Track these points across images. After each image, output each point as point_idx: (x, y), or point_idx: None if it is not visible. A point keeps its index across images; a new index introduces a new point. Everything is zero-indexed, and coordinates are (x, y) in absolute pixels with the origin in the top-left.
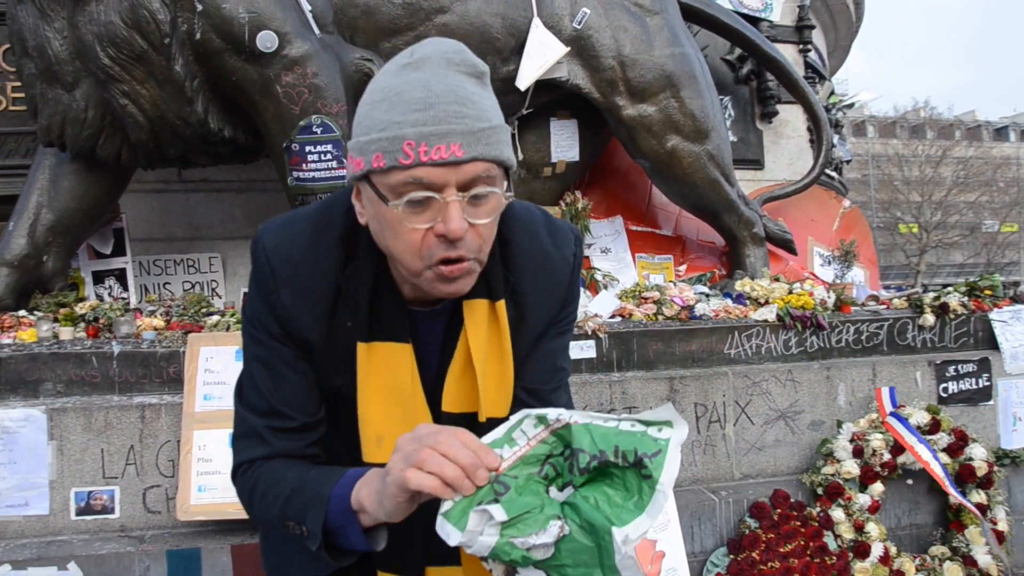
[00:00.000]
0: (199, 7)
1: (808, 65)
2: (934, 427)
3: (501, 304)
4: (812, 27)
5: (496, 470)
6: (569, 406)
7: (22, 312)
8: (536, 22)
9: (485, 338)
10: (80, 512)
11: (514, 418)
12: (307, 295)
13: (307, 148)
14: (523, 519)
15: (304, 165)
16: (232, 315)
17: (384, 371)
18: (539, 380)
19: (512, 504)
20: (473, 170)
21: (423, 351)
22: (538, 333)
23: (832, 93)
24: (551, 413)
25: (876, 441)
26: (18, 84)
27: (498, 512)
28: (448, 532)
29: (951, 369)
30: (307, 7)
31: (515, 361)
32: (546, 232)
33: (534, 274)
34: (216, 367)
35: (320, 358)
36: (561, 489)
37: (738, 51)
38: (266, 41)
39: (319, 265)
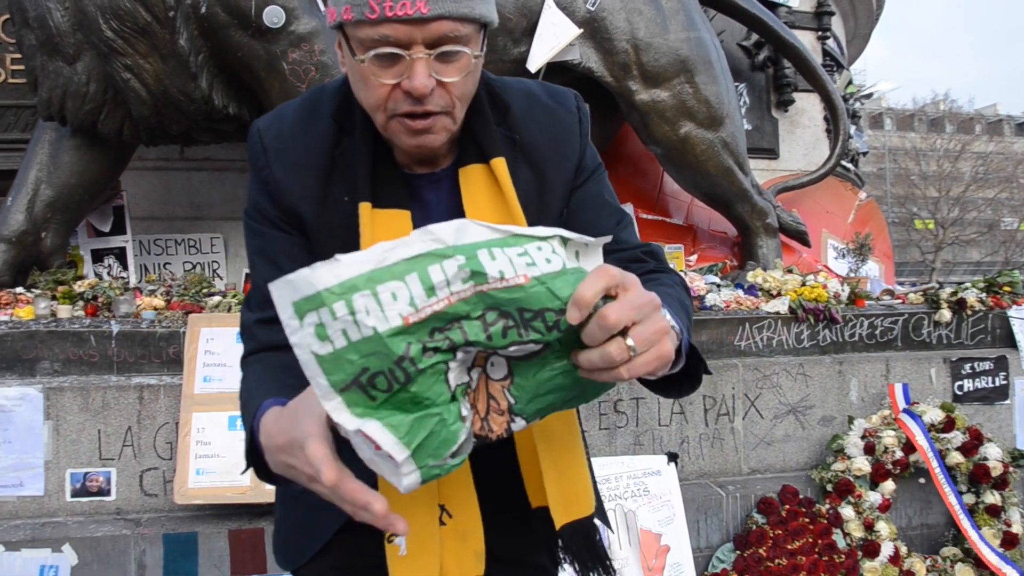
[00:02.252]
0: None
1: (826, 53)
2: (948, 425)
3: (497, 162)
4: (831, 14)
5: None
6: (634, 239)
7: (19, 289)
8: (549, 3)
9: (487, 202)
10: (75, 494)
11: (430, 243)
12: (298, 168)
13: None
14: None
15: None
16: (233, 296)
17: (385, 239)
18: (607, 228)
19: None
20: (439, 28)
21: (428, 219)
22: (566, 185)
23: (850, 83)
24: (489, 267)
25: (888, 438)
26: (18, 56)
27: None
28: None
29: (967, 367)
30: None
31: (551, 219)
32: (544, 93)
33: (541, 130)
34: (216, 349)
35: (315, 235)
36: (470, 369)
37: (755, 37)
38: (273, 16)
39: (311, 139)
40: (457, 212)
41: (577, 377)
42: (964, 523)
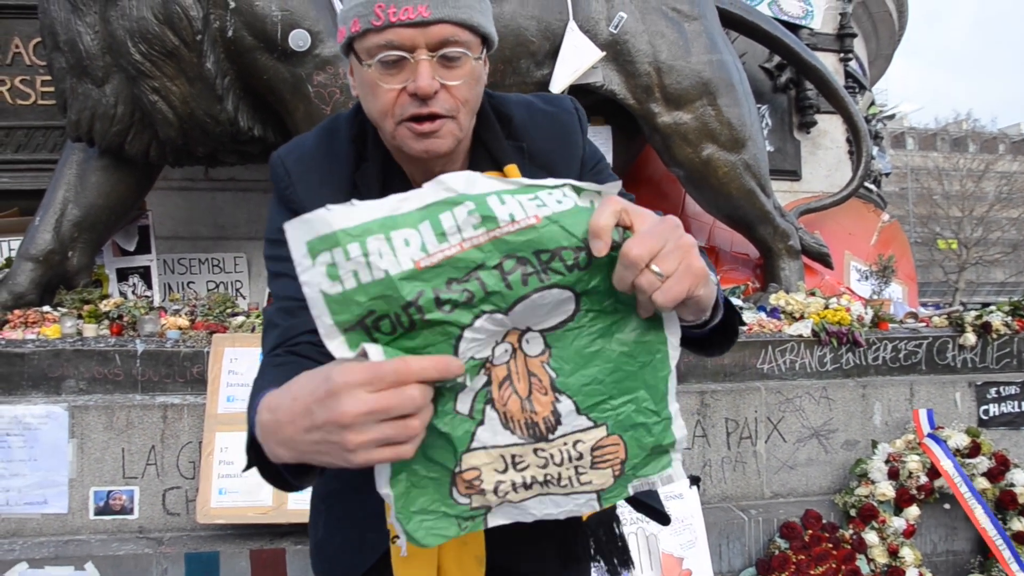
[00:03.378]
0: (232, 4)
1: (848, 74)
2: (974, 450)
3: (511, 168)
4: (854, 35)
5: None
6: None
7: (46, 308)
8: (572, 25)
9: None
10: (99, 512)
11: (441, 192)
12: (324, 186)
13: None
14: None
15: None
16: (257, 316)
17: None
18: None
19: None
20: (440, 32)
21: None
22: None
23: (872, 104)
24: (499, 211)
25: (913, 463)
26: (48, 78)
27: (375, 352)
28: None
29: (992, 391)
30: (339, 6)
31: None
32: (541, 100)
33: (544, 134)
34: (240, 368)
35: None
36: (507, 311)
37: (777, 59)
38: (298, 40)
39: (333, 162)
40: None
41: (620, 343)
42: (1001, 549)
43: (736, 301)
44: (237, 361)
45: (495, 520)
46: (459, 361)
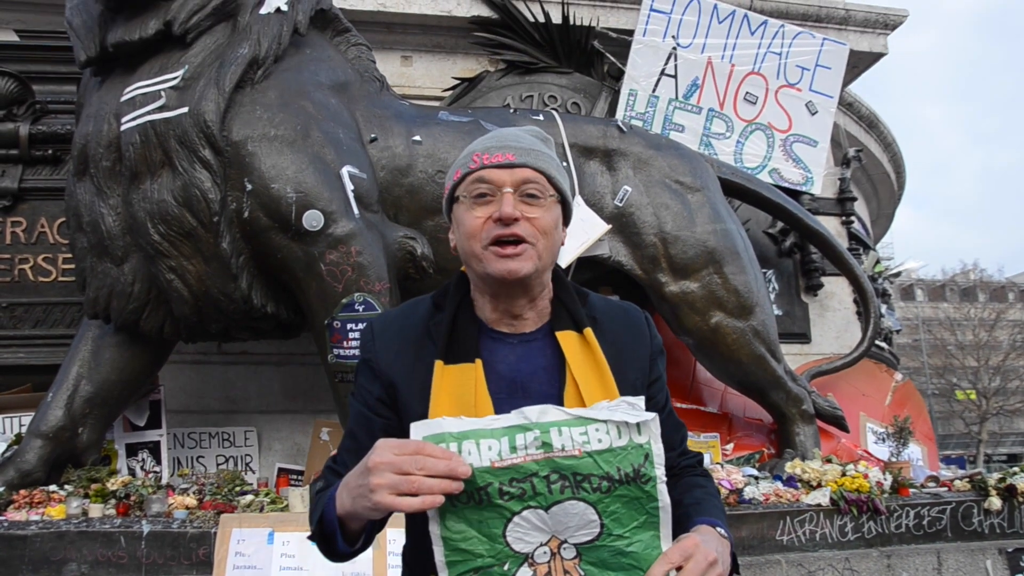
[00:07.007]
0: (249, 186)
1: (852, 236)
2: None
3: (588, 331)
4: (854, 199)
5: (463, 476)
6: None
7: (52, 487)
8: (578, 200)
9: (583, 362)
10: None
11: (520, 419)
12: (397, 338)
13: (348, 325)
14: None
15: (345, 342)
16: (266, 494)
17: (454, 387)
18: (676, 442)
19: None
20: (523, 174)
21: (517, 370)
22: (641, 370)
23: (877, 262)
24: (555, 440)
25: None
26: (69, 256)
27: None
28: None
29: None
30: (349, 187)
31: (627, 385)
32: (617, 303)
33: (615, 319)
34: (247, 550)
35: (404, 398)
36: (547, 509)
37: (780, 224)
38: (312, 220)
39: (411, 317)
40: (550, 367)
41: (633, 559)
42: None
43: (751, 470)
44: (244, 543)
45: None
46: (466, 466)
